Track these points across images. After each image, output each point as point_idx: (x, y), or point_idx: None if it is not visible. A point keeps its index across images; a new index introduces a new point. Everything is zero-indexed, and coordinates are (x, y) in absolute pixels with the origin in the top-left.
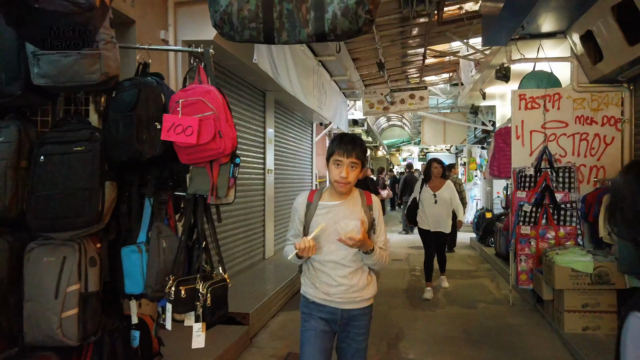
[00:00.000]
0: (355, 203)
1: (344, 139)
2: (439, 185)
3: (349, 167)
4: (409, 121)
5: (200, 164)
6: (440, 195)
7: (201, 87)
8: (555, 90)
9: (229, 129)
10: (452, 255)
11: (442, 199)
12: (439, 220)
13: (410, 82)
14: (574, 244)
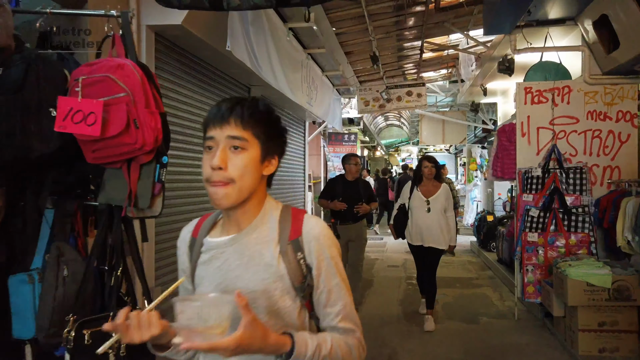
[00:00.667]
0: (265, 237)
1: (221, 103)
2: (432, 189)
3: (227, 148)
4: (407, 120)
5: (114, 164)
6: (435, 202)
7: (111, 60)
8: (565, 83)
9: (149, 117)
10: (451, 261)
11: (437, 207)
12: (433, 233)
13: (407, 79)
14: (586, 252)
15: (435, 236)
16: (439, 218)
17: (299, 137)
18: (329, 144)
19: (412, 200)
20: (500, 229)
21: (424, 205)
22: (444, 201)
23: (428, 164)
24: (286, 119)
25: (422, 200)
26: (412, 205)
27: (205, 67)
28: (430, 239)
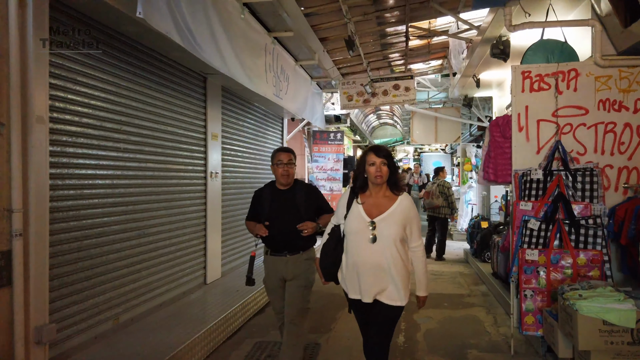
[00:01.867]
0: None
1: None
2: (383, 203)
3: None
4: (400, 118)
5: None
6: (385, 225)
7: None
8: (571, 66)
9: None
10: (441, 272)
11: (388, 234)
12: (379, 280)
13: (395, 71)
14: (599, 275)
15: (384, 284)
16: (392, 254)
17: (274, 134)
18: (313, 143)
19: (348, 222)
20: (496, 238)
21: (365, 230)
22: (402, 224)
23: (376, 159)
24: (257, 115)
25: (364, 222)
26: (347, 230)
27: (140, 49)
28: (374, 290)
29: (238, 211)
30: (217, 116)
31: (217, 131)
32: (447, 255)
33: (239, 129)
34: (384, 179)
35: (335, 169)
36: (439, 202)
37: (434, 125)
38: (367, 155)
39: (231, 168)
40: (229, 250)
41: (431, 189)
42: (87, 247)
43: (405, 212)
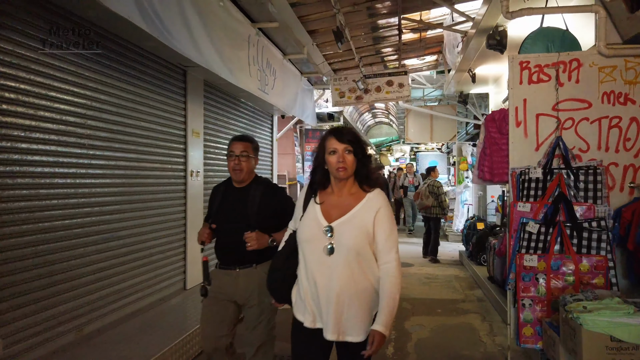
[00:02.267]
0: None
1: None
2: (345, 202)
3: None
4: (396, 117)
5: None
6: (345, 231)
7: None
8: (573, 55)
9: None
10: (435, 275)
11: (348, 245)
12: (340, 306)
13: (388, 67)
14: (603, 282)
15: (349, 312)
16: (353, 269)
17: (263, 132)
18: (305, 141)
19: (302, 227)
20: (492, 240)
21: (321, 237)
22: (367, 229)
23: (337, 145)
24: (244, 112)
25: (319, 228)
26: (299, 237)
27: (111, 39)
28: (336, 320)
29: None
30: (198, 112)
31: (198, 128)
32: (442, 256)
33: (224, 126)
34: (349, 172)
35: None
36: (429, 202)
37: (429, 123)
38: (327, 141)
39: (215, 167)
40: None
41: (421, 189)
42: (44, 252)
43: (372, 213)
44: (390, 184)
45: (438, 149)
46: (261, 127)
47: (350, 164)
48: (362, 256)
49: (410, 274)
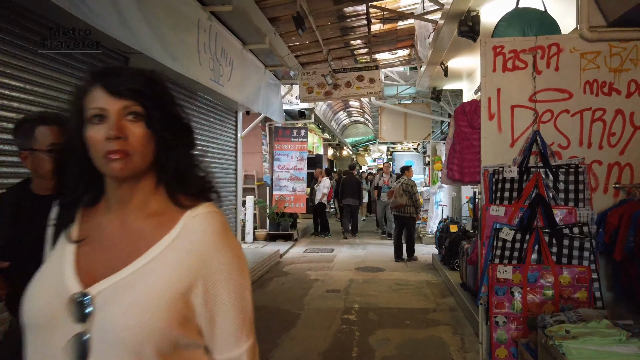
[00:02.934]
0: None
1: None
2: (133, 236)
3: None
4: (370, 115)
5: None
6: (124, 302)
7: None
8: (552, 39)
9: None
10: (406, 281)
11: (132, 333)
12: None
13: (359, 61)
14: (586, 297)
15: None
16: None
17: (226, 130)
18: (275, 140)
19: (29, 295)
20: (465, 244)
21: (63, 320)
22: (182, 296)
23: (107, 103)
24: (201, 106)
25: (61, 297)
26: (25, 319)
27: (39, 22)
28: None
29: None
30: None
31: None
32: (416, 261)
33: None
34: (137, 163)
35: (298, 168)
36: (403, 200)
37: (404, 121)
38: (86, 95)
39: None
40: None
41: (395, 187)
42: None
43: (193, 261)
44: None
45: (414, 149)
46: (224, 124)
47: (138, 143)
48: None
49: (380, 280)
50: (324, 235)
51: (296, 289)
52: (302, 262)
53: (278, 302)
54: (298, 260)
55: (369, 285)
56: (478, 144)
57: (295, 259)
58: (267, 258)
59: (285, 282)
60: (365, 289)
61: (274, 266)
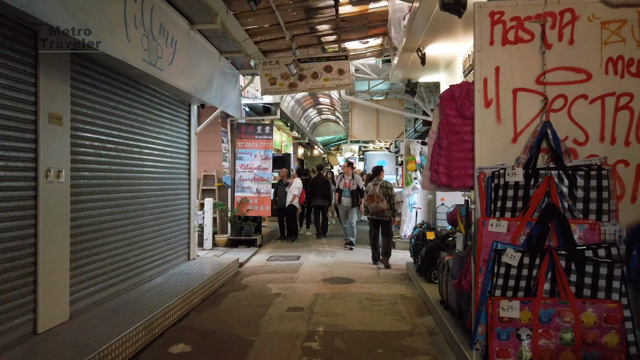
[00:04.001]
0: None
1: None
2: None
3: None
4: (341, 112)
5: None
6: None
7: None
8: (566, 4)
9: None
10: (379, 295)
11: None
12: None
13: (327, 50)
14: (617, 343)
15: None
16: None
17: (177, 124)
18: (237, 137)
19: None
20: (445, 256)
21: None
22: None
23: None
24: (144, 96)
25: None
26: None
27: None
28: None
29: (107, 224)
30: (60, 90)
31: (59, 111)
32: (388, 270)
33: (112, 112)
34: None
35: (263, 168)
36: (385, 205)
37: (376, 119)
38: None
39: (94, 165)
40: (89, 277)
41: (374, 191)
42: None
43: None
44: None
45: (387, 148)
46: (174, 117)
47: None
48: None
49: (349, 294)
50: (291, 240)
51: (253, 306)
52: (263, 273)
53: (231, 325)
54: (259, 270)
55: (337, 302)
56: (470, 139)
57: (256, 268)
58: (223, 269)
59: (242, 297)
60: (332, 306)
61: (231, 278)
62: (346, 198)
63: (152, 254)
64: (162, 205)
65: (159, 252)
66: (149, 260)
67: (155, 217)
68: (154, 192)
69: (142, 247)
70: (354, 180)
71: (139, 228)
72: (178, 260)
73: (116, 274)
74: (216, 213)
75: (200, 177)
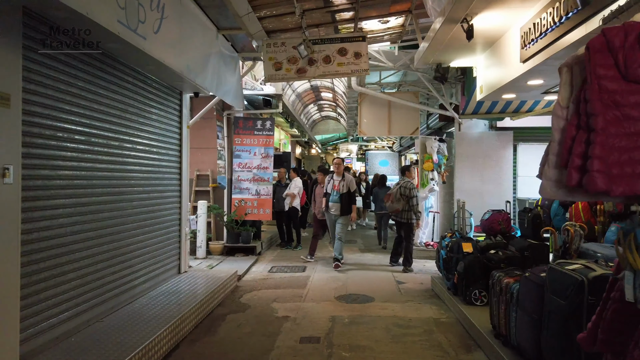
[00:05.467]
0: None
1: None
2: None
3: None
4: (345, 109)
5: None
6: None
7: None
8: None
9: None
10: (408, 320)
11: None
12: None
13: (341, 31)
14: None
15: None
16: None
17: (167, 116)
18: (235, 132)
19: None
20: (503, 278)
21: None
22: None
23: None
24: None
25: None
26: None
27: None
28: None
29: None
30: (7, 61)
31: (5, 89)
32: (409, 282)
33: (81, 95)
34: None
35: (263, 167)
36: (400, 205)
37: (387, 113)
38: None
39: (57, 162)
40: (49, 305)
41: (392, 191)
42: None
43: None
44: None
45: (389, 147)
46: (163, 107)
47: None
48: None
49: (372, 318)
50: (293, 247)
51: (258, 335)
52: (266, 288)
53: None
54: (261, 285)
55: (359, 329)
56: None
57: (257, 282)
58: (220, 285)
59: (243, 322)
60: (355, 336)
61: (229, 295)
62: (334, 204)
63: (134, 270)
64: (148, 211)
65: (143, 267)
66: (131, 278)
67: (138, 226)
68: (138, 196)
69: (122, 263)
70: (345, 182)
71: (117, 239)
72: (167, 274)
73: (87, 298)
74: (211, 217)
75: (193, 177)
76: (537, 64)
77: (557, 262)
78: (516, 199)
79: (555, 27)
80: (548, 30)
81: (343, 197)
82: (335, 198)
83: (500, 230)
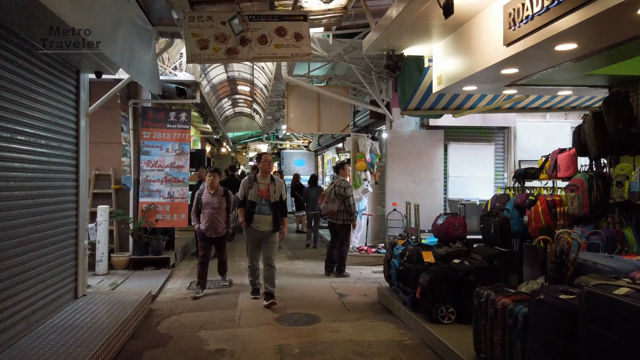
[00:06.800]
0: None
1: None
2: None
3: None
4: (265, 104)
5: None
6: None
7: None
8: None
9: None
10: (366, 345)
11: None
12: None
13: (277, 8)
14: None
15: None
16: None
17: (59, 99)
18: (143, 124)
19: None
20: (497, 298)
21: None
22: None
23: None
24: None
25: None
26: None
27: None
28: None
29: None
30: None
31: None
32: (353, 295)
33: None
34: None
35: (177, 166)
36: (335, 206)
37: (316, 108)
38: None
39: None
40: None
41: (326, 190)
42: None
43: None
44: None
45: (305, 146)
46: (53, 88)
47: None
48: None
49: (325, 346)
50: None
51: None
52: (189, 311)
53: None
54: (182, 307)
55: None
56: None
57: (177, 303)
58: (131, 313)
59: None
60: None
61: (143, 322)
62: (263, 216)
63: (15, 301)
64: (34, 221)
65: (27, 296)
66: (10, 312)
67: (21, 242)
68: (20, 202)
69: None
70: (276, 187)
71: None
72: (60, 301)
73: None
74: (113, 225)
75: (91, 178)
76: (527, 46)
77: (596, 285)
78: (447, 200)
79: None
80: (552, 4)
81: (275, 207)
82: (264, 209)
83: (458, 236)
